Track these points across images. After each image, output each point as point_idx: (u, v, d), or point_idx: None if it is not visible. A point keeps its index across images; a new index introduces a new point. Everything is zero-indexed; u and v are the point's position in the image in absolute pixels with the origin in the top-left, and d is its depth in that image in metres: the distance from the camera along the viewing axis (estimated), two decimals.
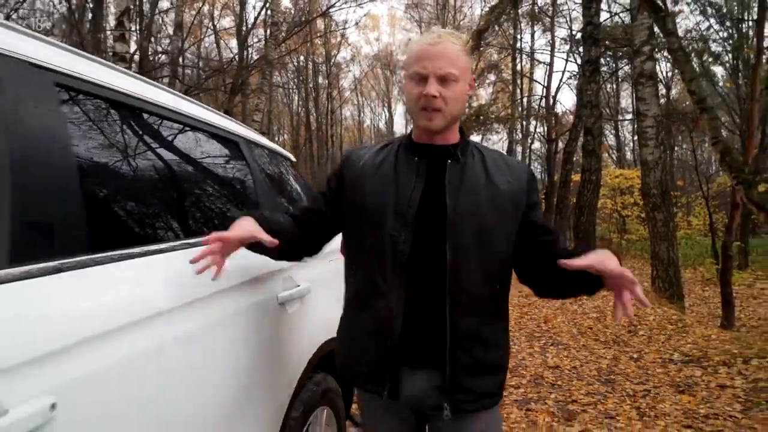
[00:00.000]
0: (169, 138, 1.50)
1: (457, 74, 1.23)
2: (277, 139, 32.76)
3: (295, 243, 1.37)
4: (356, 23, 34.84)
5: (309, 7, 22.31)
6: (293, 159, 2.60)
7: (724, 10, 11.11)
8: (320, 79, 33.11)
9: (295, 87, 32.39)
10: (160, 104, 1.44)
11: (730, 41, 12.05)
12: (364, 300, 1.32)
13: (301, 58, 28.99)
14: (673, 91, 22.80)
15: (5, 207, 0.88)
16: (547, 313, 6.74)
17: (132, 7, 10.20)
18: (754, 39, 7.95)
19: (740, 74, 13.79)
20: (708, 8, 11.47)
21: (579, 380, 4.12)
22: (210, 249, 1.14)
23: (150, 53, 12.59)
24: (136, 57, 11.14)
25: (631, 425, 3.16)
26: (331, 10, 19.94)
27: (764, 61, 7.32)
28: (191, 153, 1.58)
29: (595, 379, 4.15)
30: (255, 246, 1.28)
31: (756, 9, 7.40)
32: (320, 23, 23.76)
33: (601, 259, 1.09)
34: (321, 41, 27.59)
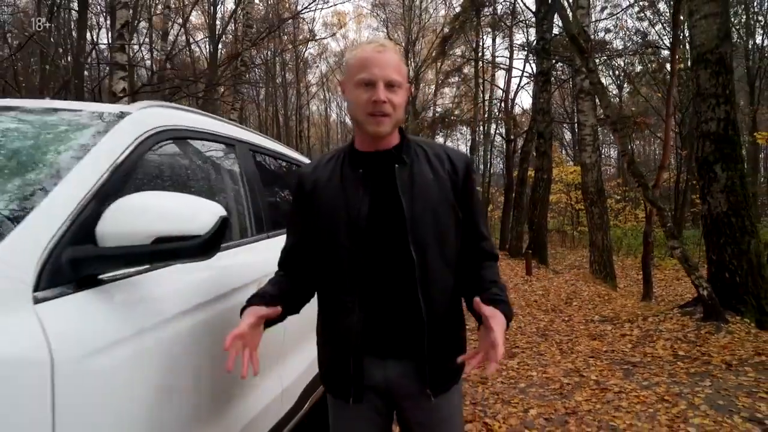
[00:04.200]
0: (278, 167, 2.67)
1: (402, 81, 1.28)
2: None
3: (293, 293, 1.42)
4: (328, 28, 35.44)
5: (278, 5, 23.12)
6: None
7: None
8: (288, 75, 33.67)
9: (262, 83, 33.01)
10: (269, 148, 2.59)
11: (652, 64, 13.83)
12: (329, 314, 1.38)
13: (268, 53, 29.62)
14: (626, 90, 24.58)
15: (256, 209, 2.04)
16: None
17: (130, 20, 10.97)
18: (668, 64, 9.51)
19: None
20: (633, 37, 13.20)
21: (522, 335, 5.44)
22: (236, 351, 1.17)
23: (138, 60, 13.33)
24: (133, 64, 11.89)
25: (554, 357, 4.49)
26: (301, 12, 20.91)
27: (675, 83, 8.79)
28: (282, 175, 2.75)
29: (534, 333, 5.47)
30: (269, 322, 1.34)
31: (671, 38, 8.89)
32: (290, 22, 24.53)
33: (495, 323, 1.14)
34: (289, 38, 28.32)
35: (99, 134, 1.34)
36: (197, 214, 1.17)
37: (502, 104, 19.21)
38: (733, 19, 17.56)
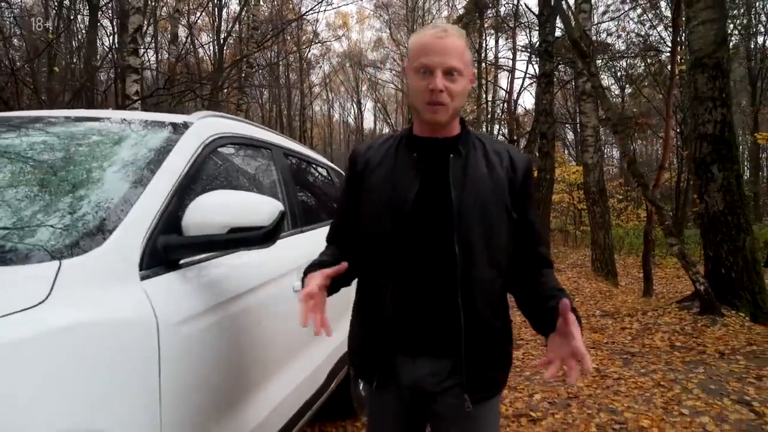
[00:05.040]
0: (310, 170, 2.91)
1: (462, 69, 1.23)
2: None
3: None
4: (332, 29, 35.69)
5: (282, 7, 23.37)
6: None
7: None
8: (291, 76, 33.92)
9: (267, 83, 33.29)
10: (298, 151, 2.83)
11: (653, 67, 14.10)
12: (364, 295, 1.38)
13: (272, 55, 29.90)
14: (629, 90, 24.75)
15: (291, 205, 2.28)
16: None
17: (142, 25, 11.22)
18: (669, 66, 9.76)
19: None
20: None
21: (526, 328, 5.65)
22: (309, 307, 1.15)
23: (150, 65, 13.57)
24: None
25: None
26: (305, 15, 21.16)
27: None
28: (317, 179, 2.99)
29: None
30: (334, 287, 1.31)
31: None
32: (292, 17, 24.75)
33: (576, 330, 1.09)
34: (293, 39, 28.58)
35: (172, 141, 1.59)
36: (261, 208, 1.41)
37: (505, 105, 19.44)
38: (734, 21, 17.76)
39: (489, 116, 20.19)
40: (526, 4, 16.80)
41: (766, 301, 5.36)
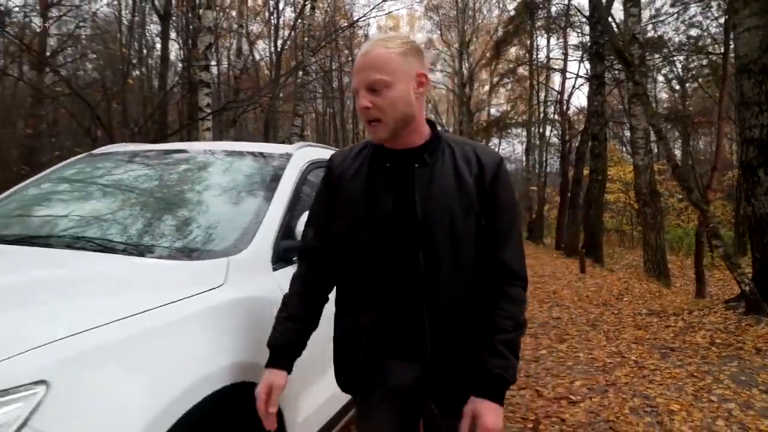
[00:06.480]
0: None
1: (388, 78, 1.19)
2: (304, 138, 34.67)
3: (313, 311, 1.42)
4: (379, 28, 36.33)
5: (334, 14, 24.16)
6: None
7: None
8: (344, 79, 34.75)
9: (320, 88, 34.32)
10: None
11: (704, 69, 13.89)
12: (343, 305, 1.37)
13: (325, 60, 30.80)
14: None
15: None
16: (555, 288, 8.61)
17: (213, 42, 12.13)
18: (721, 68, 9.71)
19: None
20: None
21: (572, 325, 6.00)
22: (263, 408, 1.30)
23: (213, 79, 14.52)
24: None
25: (600, 343, 5.05)
26: (358, 21, 21.86)
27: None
28: None
29: (584, 324, 6.02)
30: (312, 321, 1.42)
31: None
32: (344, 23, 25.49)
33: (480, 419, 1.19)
34: (345, 43, 29.37)
35: (281, 169, 2.13)
36: None
37: (557, 106, 19.44)
38: None
39: (541, 117, 20.22)
40: (576, 6, 16.78)
41: None
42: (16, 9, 14.31)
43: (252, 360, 1.46)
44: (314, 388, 1.87)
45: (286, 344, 1.36)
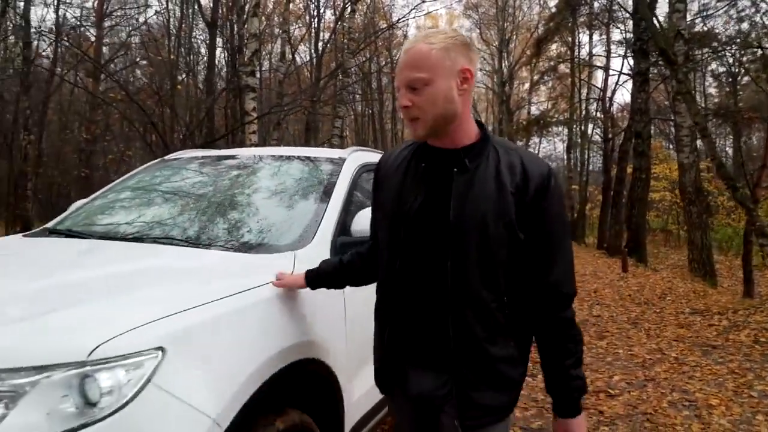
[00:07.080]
0: None
1: (426, 76, 1.17)
2: (344, 139, 35.19)
3: (349, 275, 1.58)
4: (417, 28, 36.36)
5: (374, 15, 24.41)
6: None
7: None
8: (383, 79, 34.98)
9: (360, 90, 34.68)
10: None
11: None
12: (377, 306, 1.40)
13: (365, 61, 31.09)
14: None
15: None
16: (596, 287, 8.60)
17: (259, 49, 12.57)
18: None
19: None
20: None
21: (613, 323, 6.03)
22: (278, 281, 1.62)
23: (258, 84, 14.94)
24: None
25: (640, 340, 5.10)
26: (398, 23, 22.06)
27: None
28: None
29: (624, 322, 6.04)
30: (313, 283, 1.61)
31: None
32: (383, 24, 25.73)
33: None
34: (384, 44, 29.59)
35: (336, 172, 2.36)
36: None
37: (600, 103, 19.13)
38: None
39: (583, 115, 19.94)
40: (619, 2, 16.49)
41: None
42: (73, 20, 15.27)
43: (315, 339, 1.71)
44: (369, 368, 2.09)
45: (322, 266, 1.62)
